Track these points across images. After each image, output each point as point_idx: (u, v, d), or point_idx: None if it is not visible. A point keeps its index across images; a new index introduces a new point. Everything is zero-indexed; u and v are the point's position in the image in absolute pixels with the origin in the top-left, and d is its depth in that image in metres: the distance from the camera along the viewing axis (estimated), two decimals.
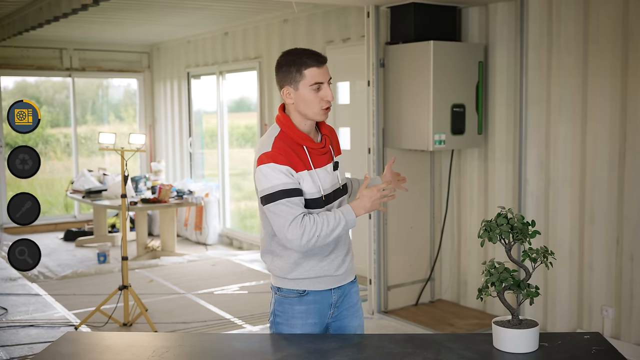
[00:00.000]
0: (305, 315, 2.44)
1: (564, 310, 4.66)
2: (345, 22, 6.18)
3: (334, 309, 2.49)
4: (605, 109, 4.32)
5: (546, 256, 2.16)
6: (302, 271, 2.41)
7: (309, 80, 2.31)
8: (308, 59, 2.32)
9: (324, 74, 2.33)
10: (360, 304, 2.60)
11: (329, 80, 2.35)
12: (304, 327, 2.44)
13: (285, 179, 2.27)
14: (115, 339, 2.49)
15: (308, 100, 2.33)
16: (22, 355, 4.36)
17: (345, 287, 2.51)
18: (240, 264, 7.08)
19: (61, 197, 9.57)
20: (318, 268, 2.42)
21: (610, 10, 4.25)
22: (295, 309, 2.43)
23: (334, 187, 2.42)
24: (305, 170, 2.33)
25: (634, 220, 4.23)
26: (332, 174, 2.42)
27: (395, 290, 5.35)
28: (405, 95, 4.95)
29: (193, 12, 6.80)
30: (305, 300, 2.43)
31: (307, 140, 2.36)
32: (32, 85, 9.90)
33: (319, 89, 2.32)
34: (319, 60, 2.33)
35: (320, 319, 2.46)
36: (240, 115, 8.87)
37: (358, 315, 2.56)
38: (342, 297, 2.50)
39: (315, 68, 2.32)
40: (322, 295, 2.45)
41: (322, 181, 2.37)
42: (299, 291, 2.43)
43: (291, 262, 2.39)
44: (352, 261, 2.55)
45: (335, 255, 2.45)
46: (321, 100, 2.33)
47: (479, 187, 5.24)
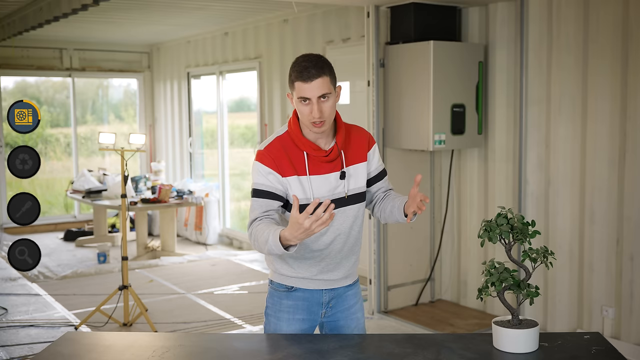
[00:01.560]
0: (293, 310, 2.45)
1: (564, 310, 4.66)
2: (345, 22, 6.18)
3: (327, 309, 2.48)
4: (605, 109, 4.32)
5: (546, 256, 2.16)
6: (292, 270, 2.42)
7: (297, 93, 2.29)
8: (297, 73, 2.27)
9: (311, 90, 2.25)
10: (360, 306, 2.57)
11: (322, 96, 2.26)
12: (291, 321, 2.44)
13: (262, 180, 2.32)
14: (115, 339, 2.49)
15: (299, 111, 2.32)
16: (22, 355, 4.36)
17: (339, 289, 2.49)
18: (240, 264, 7.08)
19: (61, 197, 9.56)
20: (308, 272, 2.42)
21: (610, 10, 4.25)
22: (283, 302, 2.46)
23: (335, 196, 2.37)
24: (295, 175, 2.32)
25: (634, 220, 4.23)
26: (335, 182, 2.37)
27: (395, 290, 5.35)
28: (405, 95, 4.95)
29: (193, 12, 6.80)
30: (293, 296, 2.45)
31: (308, 147, 2.34)
32: (32, 85, 9.89)
33: (306, 103, 2.28)
34: (304, 77, 2.25)
35: (310, 315, 2.46)
36: (240, 115, 8.86)
37: (355, 318, 2.53)
38: (336, 298, 2.48)
39: (301, 83, 2.26)
40: (311, 293, 2.45)
41: (316, 188, 2.33)
42: (288, 286, 2.45)
43: (283, 258, 2.42)
44: (352, 267, 2.50)
45: (327, 264, 2.43)
46: (309, 114, 2.28)
47: (479, 187, 5.24)
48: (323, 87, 2.26)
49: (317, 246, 2.39)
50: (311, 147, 2.35)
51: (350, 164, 2.41)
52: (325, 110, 2.28)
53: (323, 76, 2.26)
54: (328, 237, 2.39)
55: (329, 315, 2.49)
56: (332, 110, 2.30)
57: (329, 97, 2.28)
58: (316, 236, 2.36)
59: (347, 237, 2.43)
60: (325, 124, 2.30)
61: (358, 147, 2.44)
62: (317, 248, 2.40)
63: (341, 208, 2.39)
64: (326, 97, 2.27)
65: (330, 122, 2.33)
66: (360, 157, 2.43)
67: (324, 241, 2.39)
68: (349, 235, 2.43)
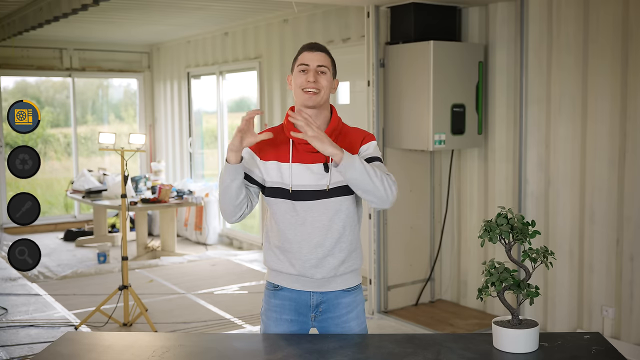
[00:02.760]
0: (280, 309, 2.45)
1: (564, 310, 4.66)
2: (345, 22, 6.18)
3: (317, 313, 2.44)
4: (605, 109, 4.32)
5: (546, 256, 2.16)
6: (277, 262, 2.42)
7: (298, 62, 2.41)
8: (304, 46, 2.44)
9: (312, 59, 2.38)
10: (355, 315, 2.46)
11: (320, 68, 2.37)
12: (279, 322, 2.44)
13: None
14: (115, 339, 2.49)
15: (295, 82, 2.40)
16: (22, 355, 4.36)
17: (329, 294, 2.43)
18: (240, 264, 7.08)
19: (61, 197, 9.56)
20: (291, 265, 2.40)
21: (610, 10, 4.25)
22: (271, 302, 2.47)
23: (315, 187, 2.37)
24: (275, 160, 2.39)
25: (634, 220, 4.23)
26: (318, 173, 2.38)
27: (395, 290, 5.35)
28: (405, 95, 4.95)
29: (193, 12, 6.80)
30: (280, 295, 2.45)
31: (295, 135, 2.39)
32: (32, 85, 9.90)
33: (305, 71, 2.38)
34: (311, 46, 2.41)
35: (298, 317, 2.44)
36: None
37: (347, 327, 2.44)
38: (326, 303, 2.43)
39: (307, 52, 2.40)
40: (298, 294, 2.43)
41: (296, 176, 2.37)
42: (274, 285, 2.46)
43: (268, 246, 2.45)
44: (340, 268, 2.41)
45: (308, 258, 2.38)
46: (305, 82, 2.37)
47: (479, 187, 5.24)
48: (323, 60, 2.39)
49: (294, 236, 2.38)
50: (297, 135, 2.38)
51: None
52: (320, 81, 2.37)
53: (325, 54, 2.42)
54: (305, 228, 2.37)
55: (320, 321, 2.45)
56: (326, 85, 2.39)
57: (326, 72, 2.40)
58: (293, 225, 2.37)
59: (327, 231, 2.37)
60: (318, 96, 2.37)
61: (351, 142, 2.44)
62: (294, 238, 2.38)
63: (321, 200, 2.37)
64: (323, 71, 2.39)
65: (323, 99, 2.39)
66: (350, 151, 2.40)
67: (302, 231, 2.37)
68: (330, 229, 2.37)
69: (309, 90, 2.36)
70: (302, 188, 2.37)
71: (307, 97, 2.37)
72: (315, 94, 2.36)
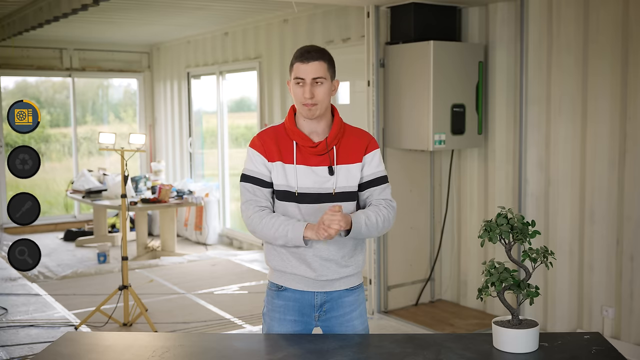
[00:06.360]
0: (284, 310, 2.45)
1: (564, 310, 4.66)
2: (345, 22, 6.18)
3: (321, 313, 2.45)
4: (605, 109, 4.32)
5: (546, 256, 2.16)
6: (282, 263, 2.42)
7: (294, 74, 2.37)
8: (297, 55, 2.37)
9: (305, 71, 2.33)
10: (359, 314, 2.49)
11: (317, 79, 2.32)
12: (283, 322, 2.44)
13: (250, 165, 2.42)
14: (115, 339, 2.49)
15: (293, 92, 2.38)
16: (22, 355, 4.36)
17: (333, 293, 2.44)
18: (240, 264, 7.08)
19: (61, 197, 9.56)
20: (295, 267, 2.40)
21: (610, 10, 4.25)
22: (275, 302, 2.47)
23: (320, 190, 2.38)
24: (280, 161, 2.38)
25: (634, 220, 4.23)
26: (323, 176, 2.38)
27: (395, 290, 5.35)
28: (405, 95, 4.95)
29: (193, 12, 6.80)
30: (283, 296, 2.45)
31: (298, 136, 2.38)
32: (32, 85, 9.89)
33: (301, 85, 2.34)
34: (303, 57, 2.34)
35: (302, 317, 2.44)
36: (240, 115, 8.86)
37: (351, 326, 2.46)
38: (330, 302, 2.44)
39: (299, 63, 2.35)
40: (302, 294, 2.43)
41: (300, 178, 2.37)
42: (278, 285, 2.46)
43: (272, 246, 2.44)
44: (345, 269, 2.42)
45: (313, 260, 2.38)
46: (301, 95, 2.34)
47: (479, 187, 5.24)
48: (318, 71, 2.33)
49: None
50: (300, 137, 2.38)
51: (342, 163, 2.41)
52: (317, 93, 2.34)
53: (321, 61, 2.34)
54: None
55: (324, 320, 2.46)
56: (325, 96, 2.35)
57: (323, 82, 2.35)
58: None
59: None
60: (317, 108, 2.35)
61: (354, 147, 2.43)
62: None
63: (328, 204, 2.38)
64: (320, 82, 2.34)
65: (323, 109, 2.37)
66: (354, 157, 2.42)
67: None
68: None
69: (306, 103, 2.34)
70: (307, 191, 2.38)
71: (306, 110, 2.35)
72: (314, 106, 2.35)
